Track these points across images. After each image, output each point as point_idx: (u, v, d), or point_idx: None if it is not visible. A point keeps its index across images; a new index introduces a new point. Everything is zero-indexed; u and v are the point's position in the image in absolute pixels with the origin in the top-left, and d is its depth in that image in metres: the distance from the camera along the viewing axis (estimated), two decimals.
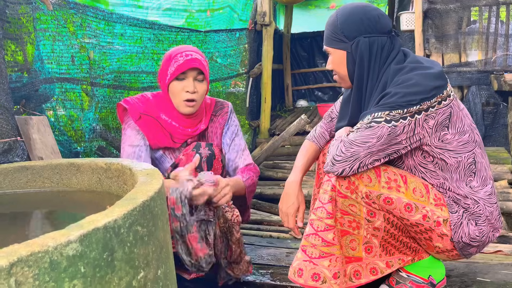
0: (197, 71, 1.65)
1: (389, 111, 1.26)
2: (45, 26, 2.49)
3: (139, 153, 1.66)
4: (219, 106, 1.84)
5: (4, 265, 0.57)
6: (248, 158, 1.80)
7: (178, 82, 1.65)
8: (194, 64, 1.63)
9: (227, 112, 1.84)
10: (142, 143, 1.67)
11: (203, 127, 1.75)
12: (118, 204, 0.79)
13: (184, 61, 1.63)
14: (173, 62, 1.64)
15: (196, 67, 1.64)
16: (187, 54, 1.65)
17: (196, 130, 1.74)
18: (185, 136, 1.72)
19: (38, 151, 1.92)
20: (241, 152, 1.80)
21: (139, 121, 1.68)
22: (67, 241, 0.64)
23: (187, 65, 1.62)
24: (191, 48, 1.71)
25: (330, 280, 1.29)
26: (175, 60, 1.64)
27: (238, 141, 1.81)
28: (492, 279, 1.61)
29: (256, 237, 2.37)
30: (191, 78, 1.65)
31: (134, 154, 1.65)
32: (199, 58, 1.66)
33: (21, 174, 1.33)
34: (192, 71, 1.65)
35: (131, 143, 1.67)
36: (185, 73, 1.64)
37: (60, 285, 0.64)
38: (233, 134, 1.82)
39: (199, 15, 4.85)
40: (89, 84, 2.87)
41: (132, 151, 1.66)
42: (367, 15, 1.38)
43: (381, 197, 1.31)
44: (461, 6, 4.21)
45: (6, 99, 1.77)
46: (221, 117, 1.82)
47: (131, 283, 0.76)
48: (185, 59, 1.63)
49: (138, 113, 1.69)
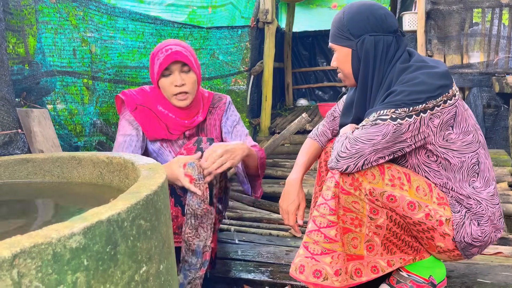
0: (180, 64, 1.65)
1: (395, 109, 1.26)
2: (47, 19, 2.48)
3: (130, 142, 1.67)
4: (217, 98, 1.85)
5: (7, 256, 0.56)
6: (252, 142, 1.80)
7: (165, 78, 1.66)
8: (175, 57, 1.63)
9: (225, 103, 1.84)
10: (134, 133, 1.69)
11: (200, 118, 1.76)
12: (121, 198, 0.78)
13: (164, 57, 1.63)
14: (156, 60, 1.66)
15: (177, 60, 1.63)
16: (167, 49, 1.64)
17: (193, 122, 1.74)
18: (182, 127, 1.73)
19: (39, 144, 1.91)
20: (244, 136, 1.81)
21: (135, 112, 1.70)
22: (70, 233, 0.63)
23: (167, 60, 1.63)
24: (172, 41, 1.70)
25: (332, 277, 1.29)
26: (157, 58, 1.66)
27: (240, 128, 1.83)
28: (493, 281, 1.60)
29: (255, 235, 2.37)
30: (176, 71, 1.65)
31: (125, 143, 1.67)
32: (179, 50, 1.65)
33: (21, 166, 1.32)
34: (175, 65, 1.65)
35: (124, 133, 1.69)
36: (169, 68, 1.65)
37: (63, 277, 0.63)
38: (234, 123, 1.82)
39: (201, 12, 4.83)
40: (90, 78, 2.85)
41: (123, 140, 1.68)
42: (374, 13, 1.37)
43: (384, 195, 1.30)
44: (464, 7, 4.20)
45: (7, 91, 1.76)
46: (219, 108, 1.83)
47: (133, 277, 0.76)
48: (165, 55, 1.63)
49: (134, 104, 1.71)
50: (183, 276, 1.47)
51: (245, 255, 1.99)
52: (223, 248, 2.07)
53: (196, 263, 1.48)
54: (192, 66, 1.67)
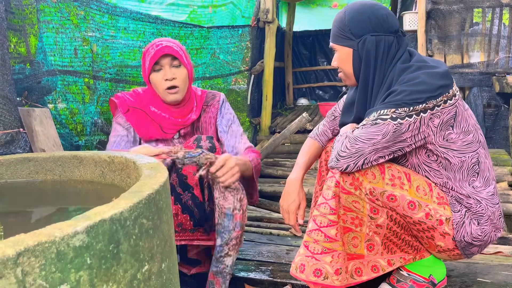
0: (170, 57, 1.67)
1: (395, 108, 1.26)
2: (48, 18, 2.48)
3: (119, 142, 1.71)
4: (210, 96, 1.86)
5: (11, 255, 0.57)
6: (248, 142, 1.82)
7: (156, 73, 1.68)
8: (164, 51, 1.65)
9: (218, 101, 1.85)
10: (125, 133, 1.73)
11: (194, 117, 1.76)
12: (123, 197, 0.79)
13: (155, 52, 1.66)
14: (147, 56, 1.68)
15: (167, 54, 1.66)
16: (157, 45, 1.68)
17: (186, 120, 1.75)
18: (176, 126, 1.74)
19: (40, 143, 1.92)
20: (239, 137, 1.81)
21: (127, 113, 1.73)
22: (74, 232, 0.64)
23: (158, 54, 1.65)
24: (163, 38, 1.74)
25: (332, 276, 1.29)
26: (148, 53, 1.68)
27: (235, 127, 1.83)
28: (493, 280, 1.61)
29: (256, 234, 2.37)
30: (166, 66, 1.67)
31: (115, 143, 1.71)
32: (170, 45, 1.67)
33: (23, 165, 1.32)
34: (165, 58, 1.66)
35: (115, 134, 1.73)
36: (159, 62, 1.67)
37: (66, 275, 0.63)
38: (229, 121, 1.83)
39: (202, 11, 4.84)
40: (91, 77, 2.86)
41: (113, 140, 1.72)
42: (375, 13, 1.38)
43: (384, 194, 1.31)
44: (465, 7, 4.20)
45: (9, 90, 1.76)
46: (213, 106, 1.83)
47: (135, 276, 0.76)
48: (155, 49, 1.66)
49: (127, 106, 1.73)
50: (220, 238, 1.55)
51: (245, 254, 1.99)
52: None
53: (229, 224, 1.55)
54: (182, 60, 1.69)
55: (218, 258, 1.56)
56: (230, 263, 1.57)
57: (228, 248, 1.56)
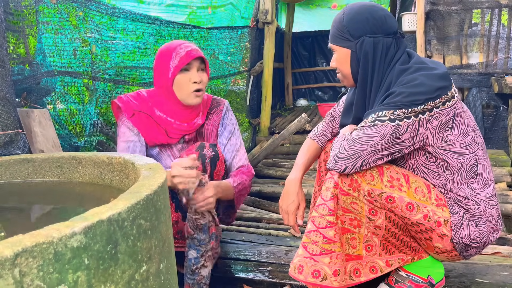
0: (199, 61, 1.68)
1: (394, 110, 1.26)
2: (47, 19, 2.48)
3: (133, 148, 1.67)
4: (215, 104, 1.85)
5: (9, 255, 0.57)
6: (243, 158, 1.80)
7: (183, 74, 1.66)
8: (197, 54, 1.66)
9: (222, 110, 1.83)
10: (137, 139, 1.69)
11: (199, 122, 1.75)
12: (122, 197, 0.79)
13: (186, 53, 1.65)
14: (175, 55, 1.65)
15: (199, 56, 1.67)
16: (186, 46, 1.67)
17: (192, 125, 1.74)
18: (181, 131, 1.72)
19: (39, 144, 1.92)
20: (235, 152, 1.79)
21: (133, 118, 1.69)
22: (71, 233, 0.64)
23: (190, 55, 1.65)
24: (186, 41, 1.74)
25: (330, 277, 1.29)
26: (176, 53, 1.65)
27: (234, 140, 1.81)
28: (491, 280, 1.61)
29: (255, 235, 2.37)
30: (195, 68, 1.68)
31: (129, 149, 1.67)
32: (198, 49, 1.70)
33: (22, 166, 1.32)
34: (196, 61, 1.67)
35: (126, 139, 1.68)
36: (190, 63, 1.66)
37: (64, 276, 0.63)
38: (229, 134, 1.81)
39: (201, 12, 4.84)
40: (90, 78, 2.86)
41: (127, 146, 1.67)
42: (374, 15, 1.38)
43: (383, 196, 1.31)
44: (463, 8, 4.21)
45: (8, 91, 1.77)
46: (216, 115, 1.82)
47: (133, 277, 0.76)
48: (186, 50, 1.65)
49: (132, 110, 1.70)
50: (196, 251, 1.56)
51: (244, 255, 1.99)
52: (223, 247, 2.08)
53: (205, 238, 1.55)
54: (207, 65, 1.73)
55: (194, 270, 1.55)
56: (206, 274, 1.57)
57: (204, 259, 1.56)
